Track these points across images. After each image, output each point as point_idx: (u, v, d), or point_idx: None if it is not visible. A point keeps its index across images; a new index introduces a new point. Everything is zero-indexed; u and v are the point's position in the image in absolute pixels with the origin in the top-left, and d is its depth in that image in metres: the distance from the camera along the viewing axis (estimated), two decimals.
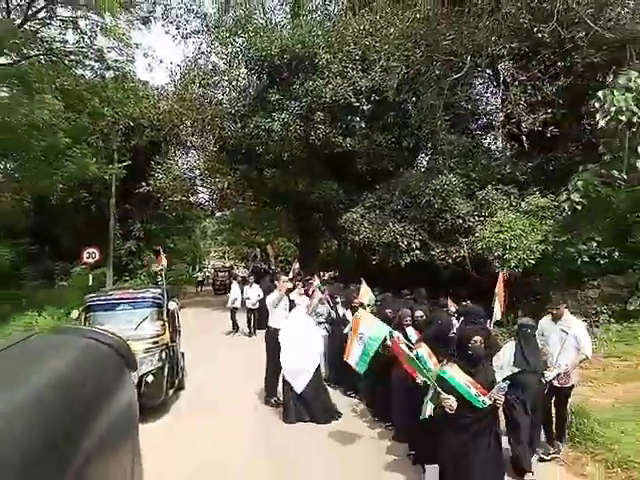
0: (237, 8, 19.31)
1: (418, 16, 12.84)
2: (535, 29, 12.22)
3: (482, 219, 12.40)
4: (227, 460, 5.38)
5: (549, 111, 12.87)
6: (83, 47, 20.57)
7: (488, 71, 14.65)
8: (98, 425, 1.27)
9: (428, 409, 4.00)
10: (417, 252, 12.99)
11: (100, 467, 1.22)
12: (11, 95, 14.82)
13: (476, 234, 11.93)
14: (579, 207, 10.40)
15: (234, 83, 19.20)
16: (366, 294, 6.21)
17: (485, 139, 13.79)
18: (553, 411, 5.44)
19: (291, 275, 12.69)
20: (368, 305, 8.32)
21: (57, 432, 1.04)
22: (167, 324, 7.40)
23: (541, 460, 5.14)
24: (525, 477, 4.69)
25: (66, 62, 20.64)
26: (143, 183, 19.99)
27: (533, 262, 10.97)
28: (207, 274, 41.34)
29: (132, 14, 20.09)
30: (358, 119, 14.35)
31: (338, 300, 8.33)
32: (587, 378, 7.94)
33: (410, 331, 5.59)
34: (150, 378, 6.60)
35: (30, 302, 15.77)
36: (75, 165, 15.77)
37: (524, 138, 15.47)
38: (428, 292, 9.94)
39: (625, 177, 10.29)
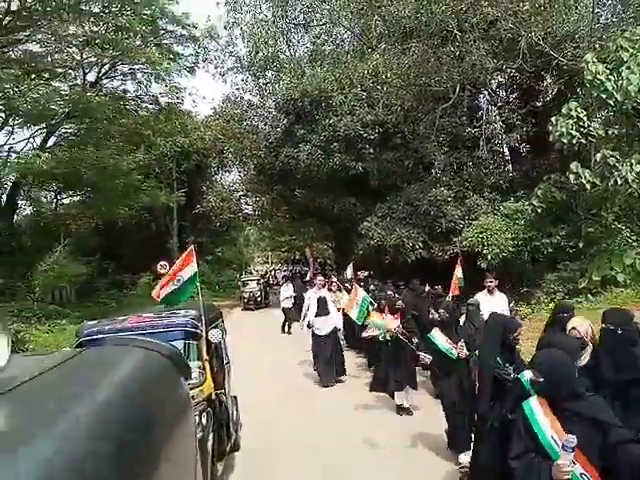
0: (265, 49, 22.99)
1: (411, 61, 16.00)
2: (505, 66, 15.25)
3: (470, 222, 15.39)
4: None
5: (523, 130, 15.76)
6: (140, 94, 24.85)
7: (476, 99, 17.66)
8: (157, 440, 1.26)
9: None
10: (420, 251, 16.13)
11: None
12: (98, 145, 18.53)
13: (464, 234, 14.96)
14: (539, 210, 13.38)
15: (266, 115, 23.03)
16: (359, 289, 9.62)
17: (474, 153, 16.65)
18: None
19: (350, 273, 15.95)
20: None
21: (117, 449, 1.00)
22: (208, 364, 5.13)
23: None
24: None
25: (127, 107, 24.89)
26: (198, 206, 23.94)
27: (506, 255, 13.91)
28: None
29: (180, 65, 24.14)
30: (367, 146, 17.52)
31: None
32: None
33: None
34: None
35: (120, 306, 19.83)
36: (148, 197, 19.80)
37: (521, 150, 18.26)
38: (428, 281, 13.15)
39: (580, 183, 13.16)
